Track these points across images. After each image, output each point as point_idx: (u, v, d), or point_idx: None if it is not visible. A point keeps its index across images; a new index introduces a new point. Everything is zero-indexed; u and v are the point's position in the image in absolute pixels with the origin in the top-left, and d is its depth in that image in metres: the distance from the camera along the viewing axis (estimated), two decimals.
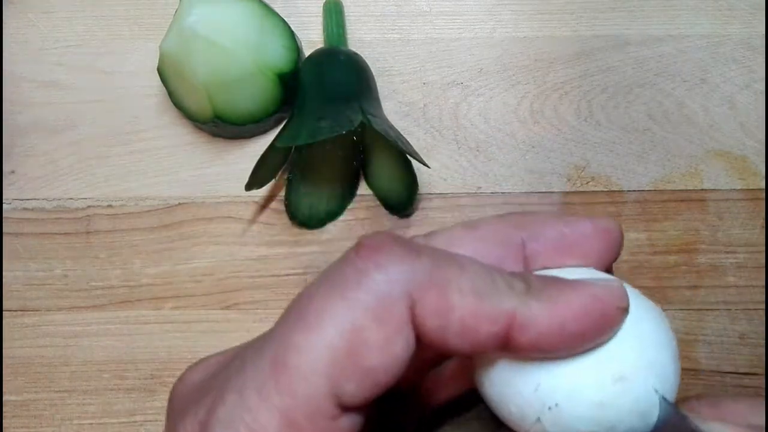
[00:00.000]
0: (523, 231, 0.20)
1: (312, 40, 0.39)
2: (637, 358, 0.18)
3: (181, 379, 0.20)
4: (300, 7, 0.40)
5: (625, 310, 0.18)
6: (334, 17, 0.38)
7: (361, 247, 0.18)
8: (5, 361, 0.35)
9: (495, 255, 0.20)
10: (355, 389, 0.17)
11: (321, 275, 0.18)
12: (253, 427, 0.17)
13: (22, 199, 0.37)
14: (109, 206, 0.37)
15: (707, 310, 0.35)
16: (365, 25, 0.40)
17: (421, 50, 0.39)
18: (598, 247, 0.20)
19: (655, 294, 0.35)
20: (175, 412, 0.19)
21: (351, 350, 0.17)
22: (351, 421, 0.18)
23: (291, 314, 0.18)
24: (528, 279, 0.19)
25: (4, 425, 0.34)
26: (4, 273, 0.36)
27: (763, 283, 0.35)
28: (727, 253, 0.36)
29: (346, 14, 0.39)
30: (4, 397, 0.34)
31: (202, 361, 0.21)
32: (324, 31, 0.39)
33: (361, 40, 0.39)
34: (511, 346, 0.18)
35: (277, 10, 0.37)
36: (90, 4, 0.40)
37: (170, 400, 0.20)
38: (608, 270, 0.21)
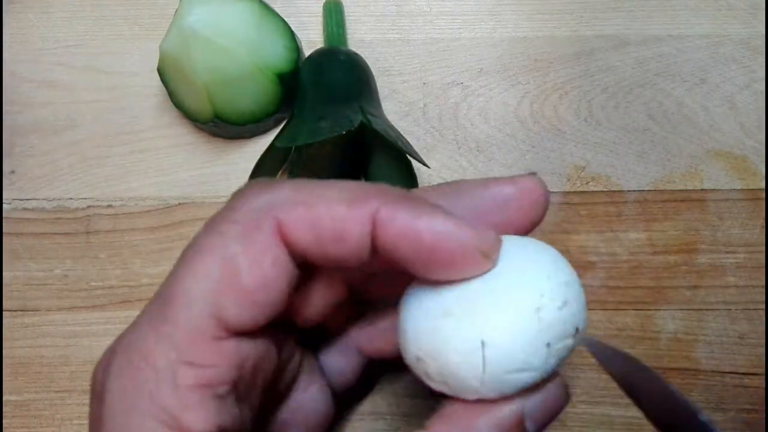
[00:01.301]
0: (445, 199, 0.21)
1: (312, 40, 0.39)
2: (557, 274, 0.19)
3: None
4: (300, 7, 0.40)
5: (486, 257, 0.19)
6: (334, 17, 0.38)
7: (234, 192, 0.20)
8: (5, 361, 0.35)
9: None
10: (236, 310, 0.19)
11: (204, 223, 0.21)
12: (142, 351, 0.18)
13: (22, 199, 0.37)
14: (109, 206, 0.37)
15: (707, 310, 0.35)
16: (365, 25, 0.40)
17: (421, 50, 0.39)
18: (519, 204, 0.21)
19: (655, 294, 0.35)
20: None
21: (225, 274, 0.19)
22: (239, 344, 0.19)
23: (179, 259, 0.20)
24: (407, 193, 0.20)
25: (4, 425, 0.34)
26: (4, 273, 0.36)
27: (763, 283, 0.35)
28: (727, 253, 0.36)
29: (346, 14, 0.39)
30: (4, 397, 0.34)
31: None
32: (324, 31, 0.39)
33: (361, 40, 0.39)
34: (377, 251, 0.19)
35: (277, 10, 0.37)
36: (90, 4, 0.40)
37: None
38: (528, 229, 0.22)
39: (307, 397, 0.25)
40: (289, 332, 0.23)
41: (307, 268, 0.20)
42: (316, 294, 0.23)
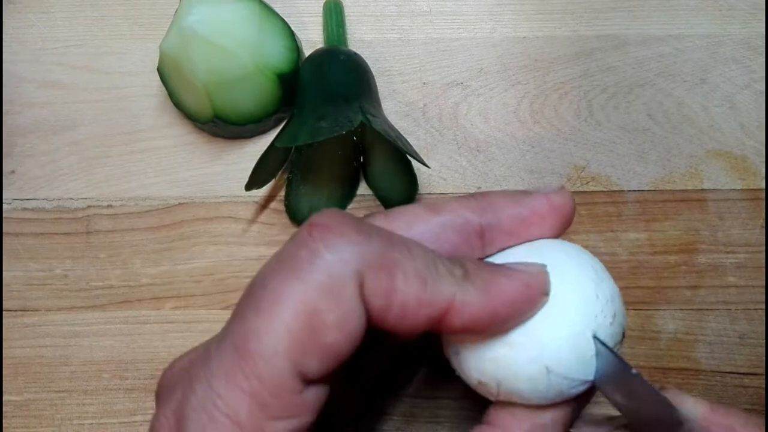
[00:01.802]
0: (481, 216, 0.22)
1: (312, 40, 0.39)
2: (573, 317, 0.20)
3: (169, 367, 0.22)
4: (300, 7, 0.40)
5: (546, 295, 0.20)
6: (334, 17, 0.38)
7: (312, 227, 0.19)
8: (5, 361, 0.35)
9: (453, 241, 0.21)
10: (317, 365, 0.18)
11: (274, 256, 0.19)
12: (224, 411, 0.18)
13: (22, 199, 0.37)
14: (109, 206, 0.37)
15: (707, 310, 0.35)
16: (365, 25, 0.40)
17: (421, 50, 0.39)
18: (552, 223, 0.22)
19: (655, 294, 0.35)
20: (159, 400, 0.20)
21: (309, 330, 0.18)
22: (316, 391, 0.19)
23: (247, 300, 0.19)
24: (465, 265, 0.20)
25: (4, 425, 0.34)
26: (4, 273, 0.36)
27: (763, 283, 0.35)
28: (727, 253, 0.36)
29: (346, 14, 0.39)
30: (4, 397, 0.34)
31: (189, 351, 0.22)
32: (324, 31, 0.39)
33: (361, 40, 0.39)
34: (444, 328, 0.19)
35: (277, 10, 0.37)
36: (90, 4, 0.40)
37: (157, 388, 0.21)
38: (560, 235, 0.23)
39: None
40: None
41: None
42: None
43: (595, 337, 0.20)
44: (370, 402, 0.31)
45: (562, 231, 0.23)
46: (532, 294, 0.20)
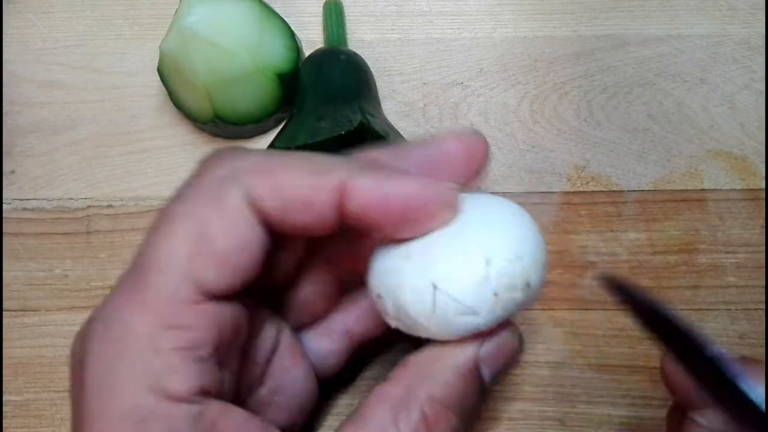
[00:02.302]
0: (396, 158, 0.22)
1: (312, 40, 0.39)
2: (505, 245, 0.20)
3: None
4: (300, 7, 0.40)
5: (448, 205, 0.20)
6: (334, 17, 0.38)
7: (204, 159, 0.21)
8: (5, 361, 0.35)
9: None
10: (213, 274, 0.19)
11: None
12: (123, 320, 0.19)
13: (22, 199, 0.37)
14: (109, 206, 0.37)
15: (707, 310, 0.35)
16: (365, 25, 0.40)
17: (421, 50, 0.39)
18: (464, 158, 0.22)
19: (655, 294, 0.35)
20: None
21: (198, 240, 0.19)
22: (218, 308, 0.20)
23: (150, 228, 0.21)
24: (362, 160, 0.21)
25: (4, 425, 0.34)
26: (4, 273, 0.36)
27: (763, 283, 0.35)
28: (727, 253, 0.36)
29: (346, 14, 0.39)
30: (4, 397, 0.34)
31: None
32: (324, 31, 0.39)
33: (361, 40, 0.39)
34: (345, 216, 0.20)
35: (277, 10, 0.37)
36: (90, 4, 0.40)
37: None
38: (473, 178, 0.23)
39: (289, 378, 0.25)
40: (263, 302, 0.24)
41: (277, 237, 0.21)
42: (285, 258, 0.24)
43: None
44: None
45: (475, 174, 0.22)
46: (431, 198, 0.20)
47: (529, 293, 0.21)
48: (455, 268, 0.20)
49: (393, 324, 0.22)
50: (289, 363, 0.25)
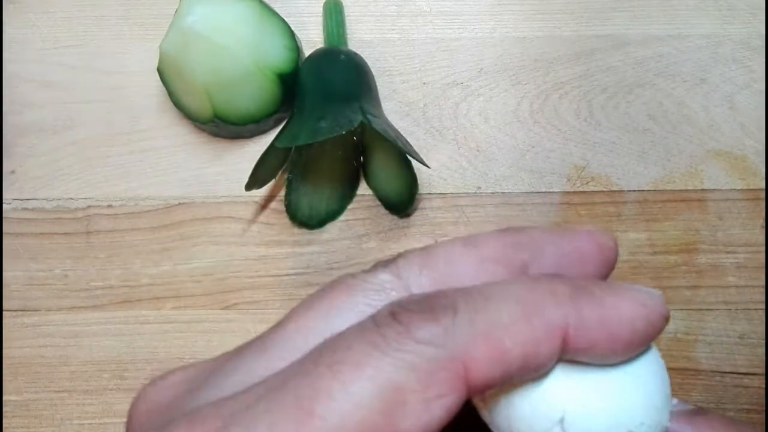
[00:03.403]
0: (523, 251, 0.19)
1: (312, 40, 0.39)
2: (644, 407, 0.18)
3: (141, 397, 0.18)
4: (300, 7, 0.40)
5: (667, 319, 0.18)
6: (334, 17, 0.38)
7: (396, 313, 0.17)
8: (5, 361, 0.35)
9: (497, 275, 0.19)
10: None
11: (352, 329, 0.17)
12: None
13: (22, 199, 0.37)
14: (109, 206, 0.37)
15: (707, 310, 0.35)
16: (365, 25, 0.40)
17: (421, 50, 0.39)
18: (597, 261, 0.20)
19: None
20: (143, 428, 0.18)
21: (387, 410, 0.15)
22: None
23: (322, 358, 0.16)
24: (570, 279, 0.18)
25: (4, 425, 0.34)
26: (4, 273, 0.36)
27: (763, 283, 0.35)
28: (727, 253, 0.36)
29: (346, 14, 0.39)
30: (4, 397, 0.34)
31: (166, 375, 0.19)
32: (324, 31, 0.39)
33: (361, 40, 0.39)
34: (568, 354, 0.17)
35: (277, 10, 0.37)
36: (90, 4, 0.40)
37: (128, 423, 0.18)
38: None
39: None
40: None
41: None
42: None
43: None
44: None
45: (607, 273, 0.20)
46: (651, 315, 0.17)
47: None
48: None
49: None
50: None
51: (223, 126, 0.36)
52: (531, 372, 0.17)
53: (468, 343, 0.16)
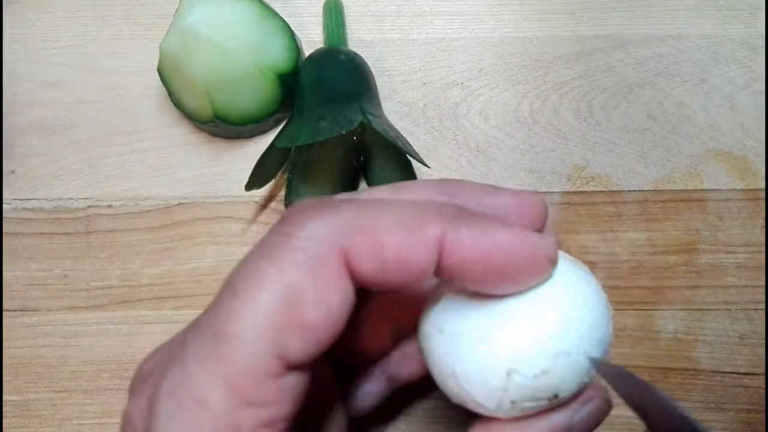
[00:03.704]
0: (446, 198, 0.20)
1: (312, 40, 0.39)
2: (573, 329, 0.19)
3: (144, 359, 0.21)
4: (300, 7, 0.40)
5: (551, 261, 0.19)
6: (334, 17, 0.38)
7: (286, 216, 0.18)
8: (5, 361, 0.35)
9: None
10: (299, 345, 0.17)
11: (251, 249, 0.19)
12: (196, 395, 0.17)
13: (22, 199, 0.37)
14: (109, 206, 0.37)
15: (707, 310, 0.35)
16: (365, 25, 0.40)
17: (421, 50, 0.39)
18: (519, 218, 0.21)
19: (655, 294, 0.35)
20: (132, 391, 0.20)
21: (289, 309, 0.17)
22: (296, 378, 0.18)
23: (226, 286, 0.18)
24: (460, 207, 0.19)
25: (4, 425, 0.34)
26: (4, 273, 0.36)
27: (763, 283, 0.35)
28: (727, 253, 0.36)
29: (346, 14, 0.39)
30: (4, 397, 0.34)
31: (165, 342, 0.21)
32: (324, 31, 0.39)
33: (361, 40, 0.39)
34: (443, 272, 0.18)
35: (277, 10, 0.37)
36: (90, 4, 0.40)
37: (132, 380, 0.21)
38: None
39: (325, 425, 0.24)
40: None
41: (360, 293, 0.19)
42: (371, 321, 0.22)
43: (592, 359, 0.19)
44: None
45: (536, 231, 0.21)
46: (533, 251, 0.18)
47: (560, 400, 0.19)
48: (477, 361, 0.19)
49: (456, 401, 0.20)
50: (327, 409, 0.24)
51: (223, 126, 0.36)
52: (408, 277, 0.18)
53: (347, 234, 0.18)
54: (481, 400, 0.19)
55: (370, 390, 0.25)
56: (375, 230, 0.18)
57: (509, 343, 0.18)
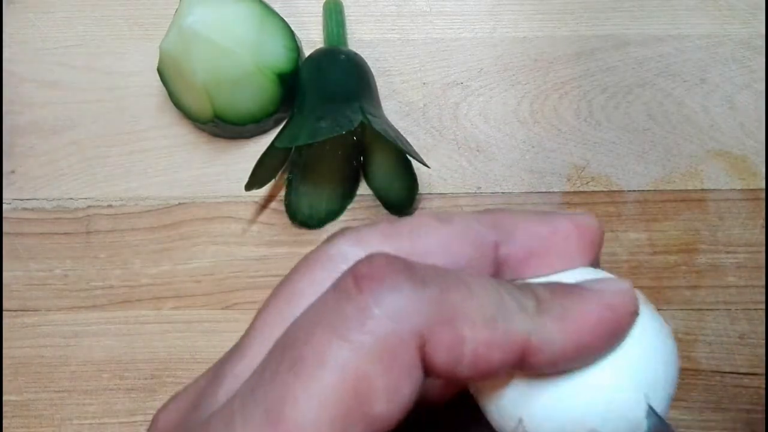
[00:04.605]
0: (497, 231, 0.19)
1: (312, 40, 0.39)
2: (631, 372, 0.17)
3: (158, 412, 0.19)
4: (300, 7, 0.40)
5: (636, 314, 0.17)
6: (334, 17, 0.38)
7: (359, 279, 0.16)
8: (5, 361, 0.35)
9: (465, 254, 0.18)
10: None
11: (311, 309, 0.17)
12: None
13: (22, 199, 0.37)
14: (109, 206, 0.37)
15: (707, 310, 0.35)
16: (365, 25, 0.40)
17: (421, 50, 0.39)
18: (578, 246, 0.19)
19: (655, 294, 0.35)
20: None
21: (355, 399, 0.15)
22: None
23: (283, 356, 0.16)
24: (537, 293, 0.17)
25: (4, 425, 0.34)
26: (4, 273, 0.36)
27: (763, 283, 0.35)
28: (727, 253, 0.36)
29: (346, 14, 0.39)
30: (4, 397, 0.34)
31: (172, 399, 0.19)
32: (324, 31, 0.39)
33: (361, 40, 0.39)
34: (526, 368, 0.17)
35: (277, 10, 0.37)
36: (90, 4, 0.40)
37: None
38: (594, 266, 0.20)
39: None
40: None
41: None
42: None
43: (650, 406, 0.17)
44: None
45: (591, 257, 0.20)
46: (619, 315, 0.17)
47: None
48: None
49: None
50: None
51: (223, 126, 0.36)
52: (478, 374, 0.16)
53: (430, 321, 0.16)
54: None
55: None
56: (459, 323, 0.16)
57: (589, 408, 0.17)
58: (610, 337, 0.17)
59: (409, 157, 0.34)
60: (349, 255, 0.17)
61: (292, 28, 0.37)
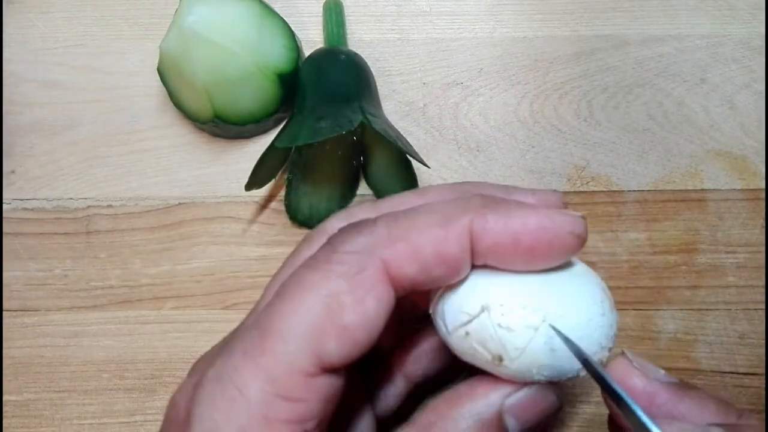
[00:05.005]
0: (467, 204, 0.21)
1: (312, 40, 0.39)
2: (574, 318, 0.19)
3: (200, 357, 0.23)
4: (300, 7, 0.40)
5: (579, 238, 0.20)
6: (334, 17, 0.38)
7: (330, 238, 0.20)
8: (5, 361, 0.35)
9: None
10: (336, 347, 0.19)
11: (292, 260, 0.22)
12: (236, 383, 0.19)
13: (22, 199, 0.37)
14: (109, 206, 0.37)
15: (707, 310, 0.35)
16: (365, 25, 0.40)
17: (421, 50, 0.39)
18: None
19: (655, 294, 0.35)
20: (186, 378, 0.22)
21: (329, 312, 0.19)
22: (329, 381, 0.19)
23: (273, 290, 0.20)
24: (487, 197, 0.20)
25: (4, 425, 0.34)
26: (4, 273, 0.36)
27: (763, 283, 0.35)
28: (727, 253, 0.36)
29: (346, 14, 0.39)
30: (4, 397, 0.34)
31: (217, 343, 0.23)
32: (324, 31, 0.39)
33: (361, 40, 0.39)
34: (478, 256, 0.20)
35: (277, 10, 0.37)
36: (90, 4, 0.40)
37: (189, 372, 0.22)
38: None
39: (357, 428, 0.24)
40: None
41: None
42: (400, 321, 0.23)
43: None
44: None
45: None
46: (558, 228, 0.19)
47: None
48: (576, 311, 0.19)
49: (451, 342, 0.21)
50: (357, 413, 0.24)
51: (223, 126, 0.36)
52: (448, 269, 0.20)
53: (385, 245, 0.19)
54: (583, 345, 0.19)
55: (392, 391, 0.26)
56: (410, 235, 0.19)
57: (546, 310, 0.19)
58: (550, 247, 0.20)
59: (409, 157, 0.34)
60: (338, 228, 0.21)
61: (292, 28, 0.37)
